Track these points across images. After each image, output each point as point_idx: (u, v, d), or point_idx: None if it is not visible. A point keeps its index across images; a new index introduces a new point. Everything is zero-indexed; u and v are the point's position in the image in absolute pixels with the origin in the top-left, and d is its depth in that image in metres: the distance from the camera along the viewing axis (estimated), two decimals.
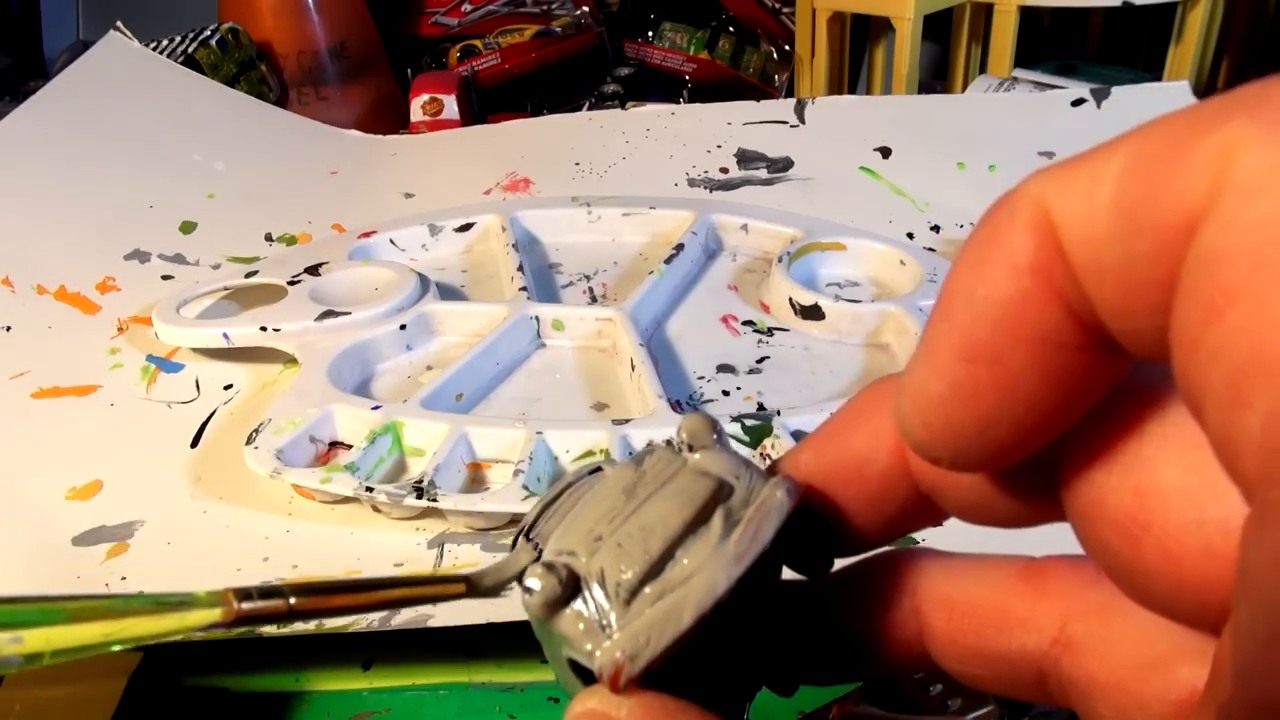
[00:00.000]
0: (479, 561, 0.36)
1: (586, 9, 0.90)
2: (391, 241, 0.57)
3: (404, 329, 0.48)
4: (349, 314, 0.48)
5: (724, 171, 0.63)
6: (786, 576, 0.16)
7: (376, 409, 0.41)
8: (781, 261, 0.52)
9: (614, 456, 0.39)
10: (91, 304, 0.52)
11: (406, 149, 0.70)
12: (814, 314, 0.49)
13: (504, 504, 0.37)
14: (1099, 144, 0.10)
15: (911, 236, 0.56)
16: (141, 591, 0.34)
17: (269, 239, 0.59)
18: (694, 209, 0.58)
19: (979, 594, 0.14)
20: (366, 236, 0.56)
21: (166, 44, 0.73)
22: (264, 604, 0.15)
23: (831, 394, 0.45)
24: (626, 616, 0.13)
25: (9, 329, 0.50)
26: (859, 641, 0.16)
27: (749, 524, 0.14)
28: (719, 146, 0.65)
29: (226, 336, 0.47)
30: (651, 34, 0.90)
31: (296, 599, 0.15)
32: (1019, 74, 0.73)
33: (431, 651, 0.35)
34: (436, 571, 0.36)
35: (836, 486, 0.15)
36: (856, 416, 0.15)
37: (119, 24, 0.72)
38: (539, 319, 0.49)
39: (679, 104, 0.81)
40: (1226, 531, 0.10)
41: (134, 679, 0.32)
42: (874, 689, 0.30)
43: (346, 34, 0.80)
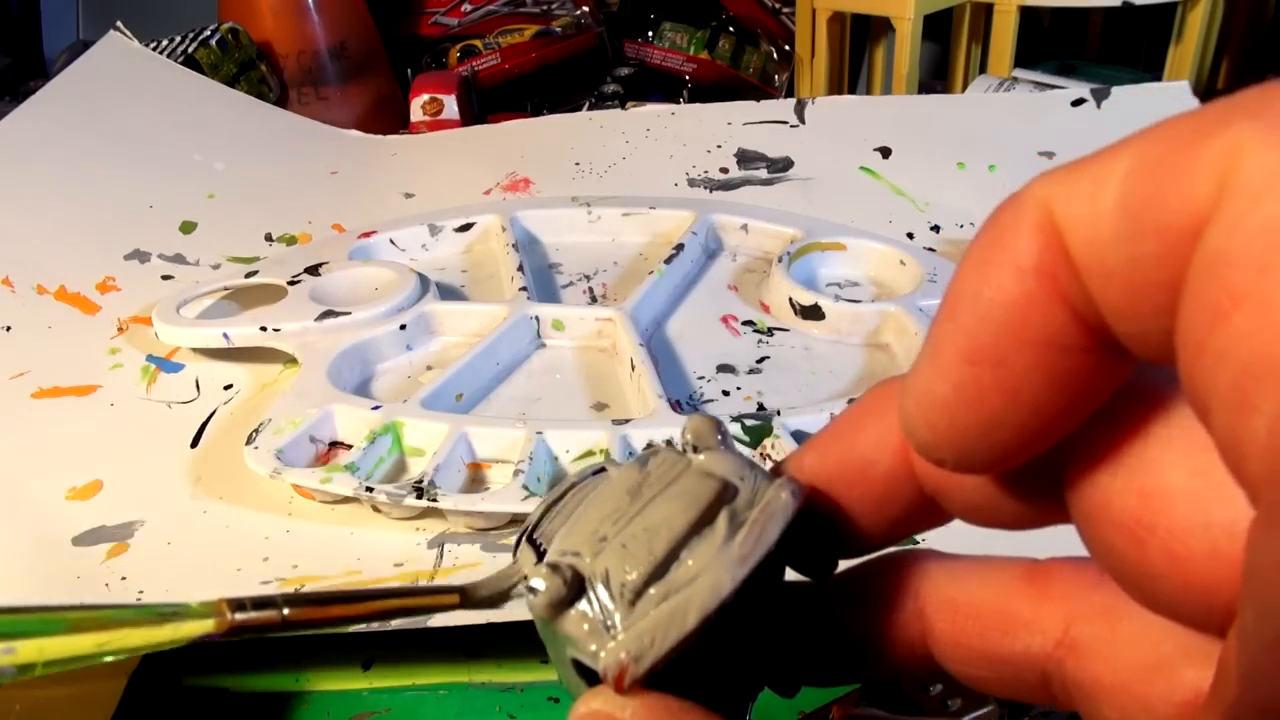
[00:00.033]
0: (479, 562, 0.36)
1: (586, 9, 0.90)
2: (391, 241, 0.57)
3: (404, 329, 0.48)
4: (349, 314, 0.48)
5: (724, 171, 0.63)
6: (790, 577, 0.16)
7: (376, 409, 0.41)
8: (781, 261, 0.52)
9: (614, 456, 0.39)
10: (91, 304, 0.52)
11: (406, 149, 0.70)
12: (814, 314, 0.49)
13: (504, 504, 0.37)
14: (1103, 147, 0.10)
15: (911, 236, 0.56)
16: (140, 600, 0.34)
17: (269, 239, 0.59)
18: (694, 209, 0.58)
19: (983, 596, 0.14)
20: (366, 236, 0.56)
21: (166, 44, 0.73)
22: (257, 615, 0.15)
23: (831, 394, 0.45)
24: (631, 617, 0.13)
25: (9, 329, 0.50)
26: (862, 643, 0.16)
27: (754, 525, 0.14)
28: (719, 146, 0.65)
29: (226, 336, 0.47)
30: (651, 34, 0.90)
31: (290, 610, 0.15)
32: (1019, 74, 0.73)
33: (431, 651, 0.35)
34: (438, 570, 0.36)
35: (841, 488, 0.15)
36: (861, 418, 0.15)
37: (119, 24, 0.72)
38: (539, 319, 0.49)
39: (679, 104, 0.81)
40: (1232, 534, 0.10)
41: (134, 679, 0.32)
42: (874, 689, 0.30)
43: (346, 34, 0.80)
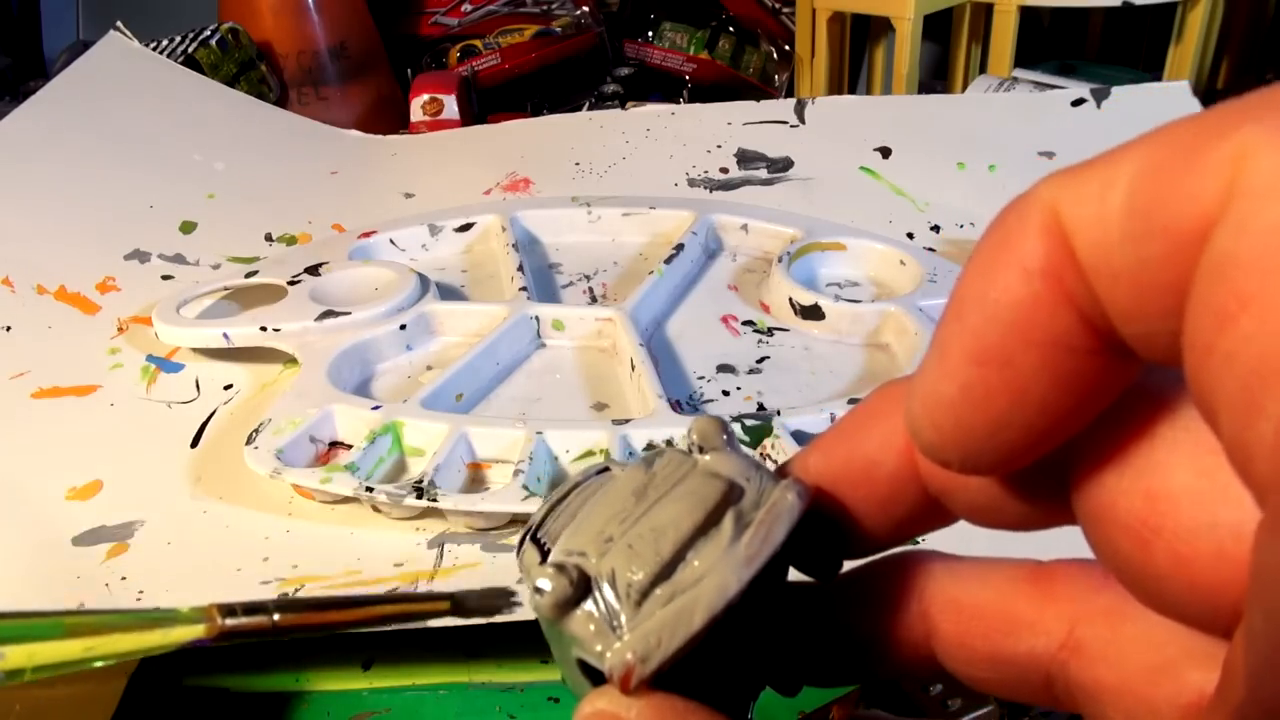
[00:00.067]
0: (479, 562, 0.36)
1: (586, 9, 0.90)
2: (391, 241, 0.57)
3: (404, 329, 0.48)
4: (349, 314, 0.48)
5: (724, 171, 0.63)
6: (795, 578, 0.16)
7: (376, 409, 0.41)
8: (781, 261, 0.52)
9: (614, 456, 0.39)
10: (91, 304, 0.52)
11: (406, 149, 0.70)
12: (814, 314, 0.49)
13: (504, 504, 0.37)
14: (1110, 149, 0.10)
15: (911, 236, 0.56)
16: (140, 601, 0.34)
17: (269, 239, 0.59)
18: (694, 209, 0.58)
19: (987, 597, 0.14)
20: (366, 236, 0.56)
21: (166, 44, 0.73)
22: (248, 620, 0.15)
23: (831, 394, 0.45)
24: (637, 618, 0.13)
25: (9, 329, 0.50)
26: (866, 643, 0.16)
27: (760, 526, 0.14)
28: (719, 146, 0.65)
29: (226, 336, 0.47)
30: (651, 34, 0.90)
31: (281, 615, 0.15)
32: (1019, 74, 0.73)
33: (431, 651, 0.35)
34: (438, 570, 0.36)
35: (845, 489, 0.15)
36: (866, 419, 0.15)
37: (119, 24, 0.72)
38: (539, 319, 0.49)
39: (679, 104, 0.81)
40: (1238, 535, 0.10)
41: (134, 679, 0.32)
42: (874, 689, 0.30)
43: (346, 34, 0.80)
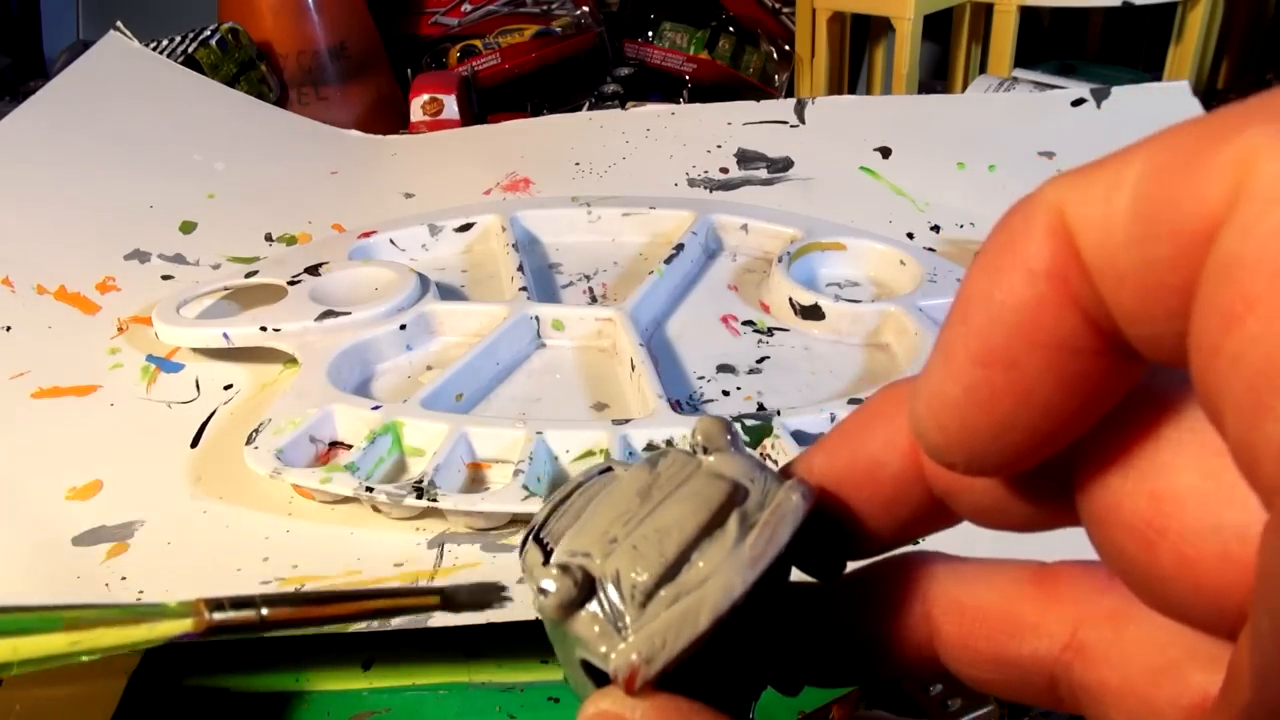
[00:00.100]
0: (479, 562, 0.36)
1: (586, 9, 0.90)
2: (391, 241, 0.57)
3: (404, 329, 0.48)
4: (349, 314, 0.48)
5: (724, 171, 0.63)
6: (799, 578, 0.16)
7: (376, 409, 0.41)
8: (781, 261, 0.52)
9: (614, 456, 0.39)
10: (91, 304, 0.52)
11: (406, 149, 0.70)
12: (814, 314, 0.49)
13: (504, 504, 0.37)
14: (1116, 151, 0.10)
15: (911, 236, 0.56)
16: (140, 601, 0.34)
17: (269, 239, 0.59)
18: (694, 209, 0.58)
19: (990, 599, 0.14)
20: (366, 236, 0.56)
21: (166, 44, 0.73)
22: (236, 614, 0.15)
23: (831, 394, 0.45)
24: (642, 619, 0.13)
25: (9, 329, 0.50)
26: (869, 644, 0.16)
27: (764, 528, 0.14)
28: (719, 146, 0.65)
29: (226, 336, 0.47)
30: (651, 34, 0.90)
31: (269, 610, 0.15)
32: (1019, 74, 0.73)
33: (431, 651, 0.35)
34: (438, 570, 0.36)
35: (850, 490, 0.15)
36: (870, 420, 0.15)
37: (119, 24, 0.72)
38: (539, 319, 0.49)
39: (679, 104, 0.81)
40: (1244, 537, 0.10)
41: (134, 679, 0.32)
42: (874, 689, 0.30)
43: (346, 34, 0.80)
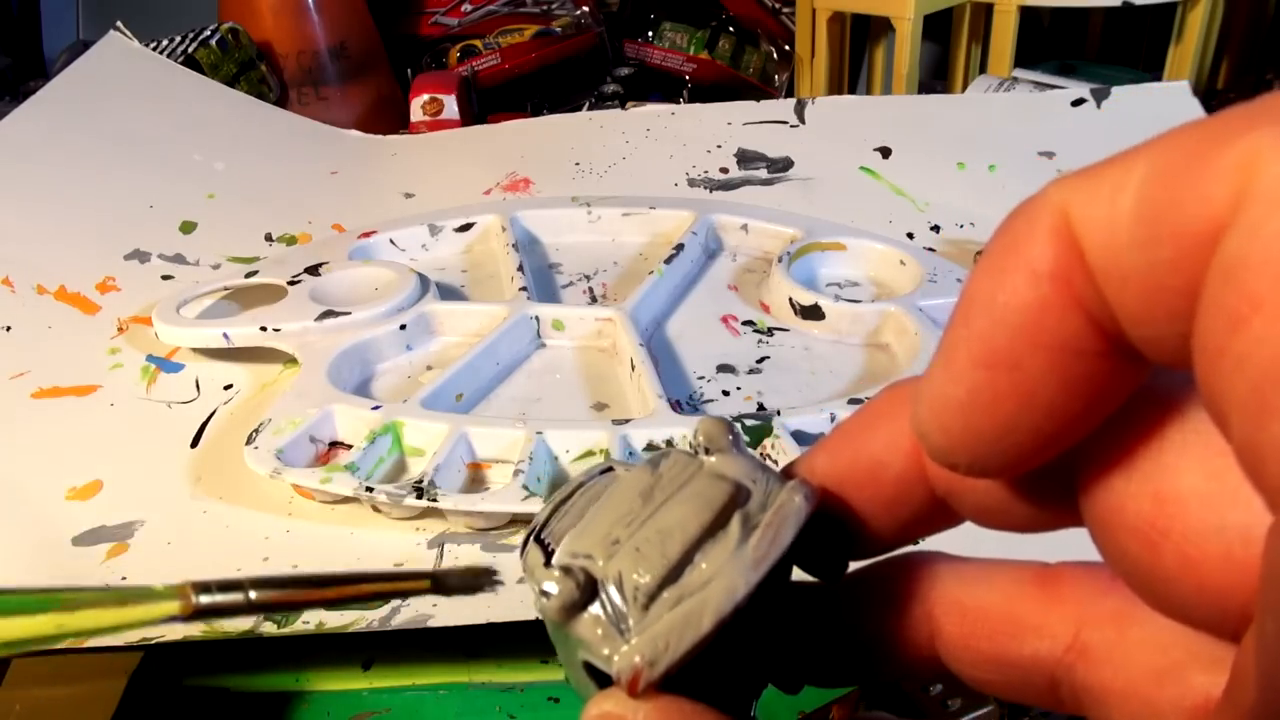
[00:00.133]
0: (479, 562, 0.36)
1: (586, 9, 0.90)
2: (391, 241, 0.57)
3: (404, 329, 0.48)
4: (349, 314, 0.48)
5: (724, 171, 0.63)
6: (801, 578, 0.16)
7: (376, 409, 0.41)
8: (781, 261, 0.52)
9: (614, 456, 0.39)
10: (91, 304, 0.52)
11: (406, 149, 0.70)
12: (814, 314, 0.49)
13: (504, 504, 0.37)
14: (1119, 152, 0.10)
15: (911, 236, 0.56)
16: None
17: (269, 239, 0.59)
18: (694, 209, 0.58)
19: (992, 600, 0.14)
20: (366, 236, 0.56)
21: (166, 44, 0.73)
22: (222, 598, 0.15)
23: (831, 394, 0.45)
24: (644, 621, 0.13)
25: (9, 329, 0.50)
26: (871, 644, 0.16)
27: (767, 529, 0.14)
28: (719, 146, 0.65)
29: (226, 336, 0.47)
30: (651, 34, 0.90)
31: (257, 593, 0.15)
32: (1019, 74, 0.73)
33: (431, 651, 0.35)
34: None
35: (852, 490, 0.15)
36: (872, 420, 0.15)
37: (119, 24, 0.72)
38: (539, 319, 0.49)
39: (679, 104, 0.81)
40: (1247, 538, 0.10)
41: (134, 679, 0.32)
42: (874, 688, 0.30)
43: (346, 34, 0.80)
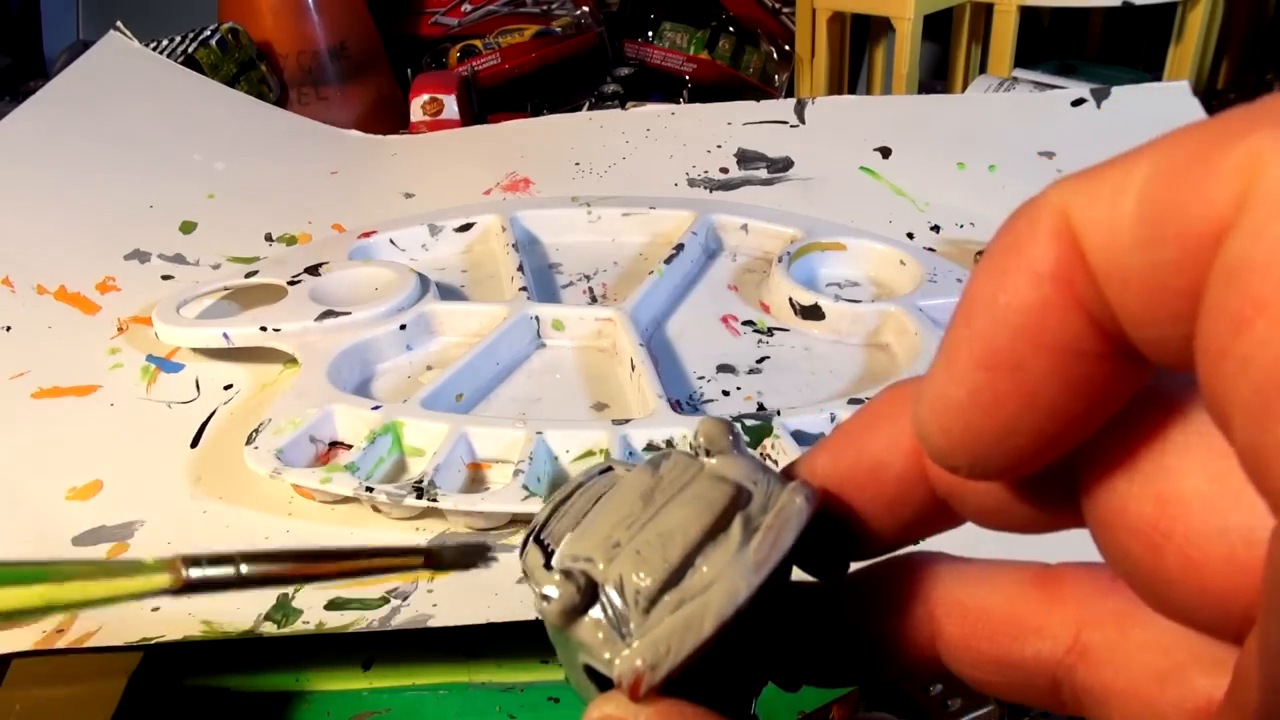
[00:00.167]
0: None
1: (586, 9, 0.90)
2: (391, 241, 0.57)
3: (404, 329, 0.48)
4: (349, 314, 0.48)
5: (724, 171, 0.63)
6: (801, 578, 0.16)
7: (376, 409, 0.41)
8: (781, 261, 0.52)
9: (614, 456, 0.39)
10: (91, 304, 0.52)
11: (406, 149, 0.70)
12: (814, 314, 0.49)
13: (504, 504, 0.37)
14: (1122, 153, 0.10)
15: (911, 236, 0.56)
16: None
17: (269, 239, 0.59)
18: (694, 209, 0.58)
19: (993, 600, 0.14)
20: (366, 236, 0.56)
21: (166, 44, 0.73)
22: (213, 571, 0.15)
23: (831, 394, 0.45)
24: (646, 625, 0.13)
25: (9, 329, 0.50)
26: (871, 645, 0.16)
27: (768, 531, 0.14)
28: (719, 146, 0.65)
29: (226, 336, 0.47)
30: (651, 34, 0.90)
31: (247, 567, 0.15)
32: (1019, 74, 0.73)
33: (431, 651, 0.35)
34: (438, 570, 0.36)
35: (853, 491, 0.15)
36: (873, 420, 0.15)
37: (119, 24, 0.72)
38: (539, 319, 0.49)
39: (679, 104, 0.81)
40: (1250, 540, 0.10)
41: (134, 679, 0.32)
42: (874, 688, 0.30)
43: (346, 34, 0.80)
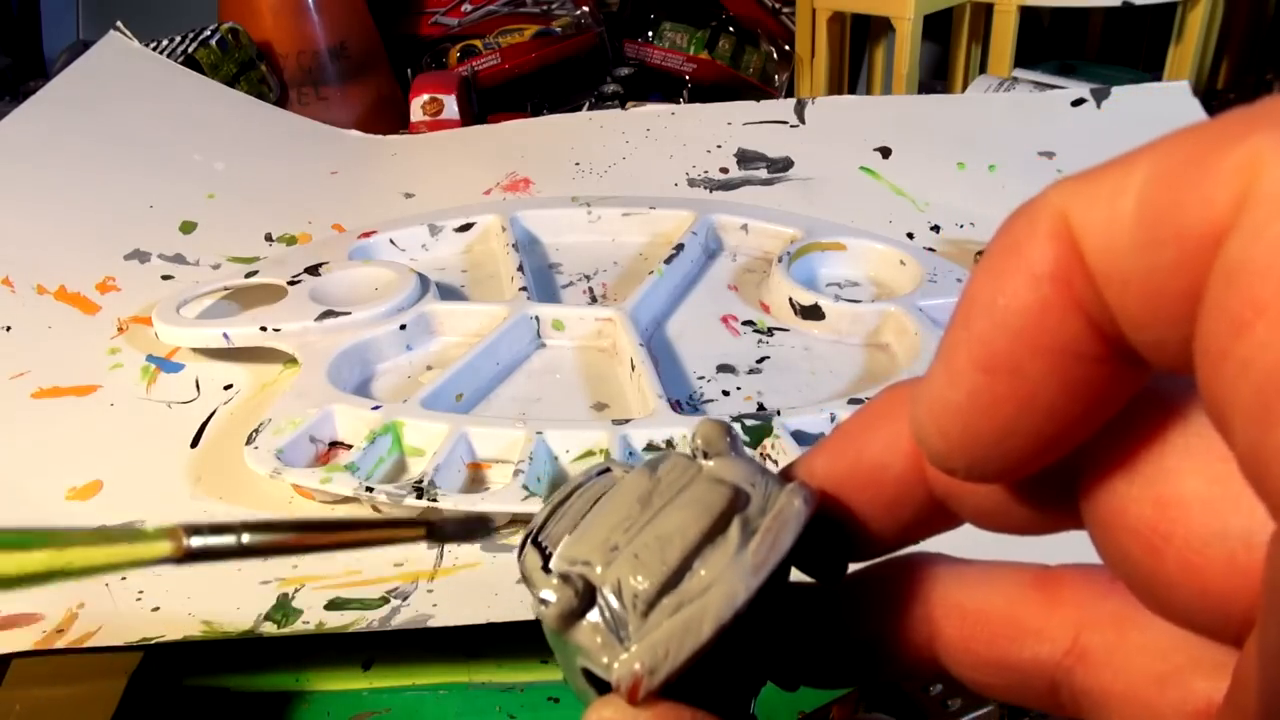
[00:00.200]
0: (479, 562, 0.36)
1: (586, 9, 0.90)
2: (391, 241, 0.57)
3: (404, 329, 0.48)
4: (349, 314, 0.48)
5: (724, 171, 0.63)
6: (801, 579, 0.16)
7: (376, 409, 0.41)
8: (781, 261, 0.52)
9: (614, 456, 0.39)
10: (91, 304, 0.52)
11: (406, 149, 0.70)
12: (814, 314, 0.49)
13: (504, 504, 0.37)
14: (1121, 154, 0.10)
15: (911, 236, 0.56)
16: (140, 600, 0.34)
17: (269, 239, 0.59)
18: (694, 209, 0.58)
19: (992, 602, 0.14)
20: (366, 236, 0.56)
21: (166, 44, 0.73)
22: (214, 540, 0.15)
23: (831, 394, 0.45)
24: (644, 628, 0.13)
25: (9, 329, 0.50)
26: (870, 646, 0.15)
27: (767, 534, 0.14)
28: (719, 146, 0.65)
29: (226, 336, 0.47)
30: (651, 34, 0.90)
31: (249, 536, 0.15)
32: (1019, 74, 0.73)
33: (431, 651, 0.35)
34: (438, 570, 0.36)
35: (851, 492, 0.15)
36: (872, 421, 0.15)
37: (119, 24, 0.72)
38: (539, 319, 0.49)
39: (679, 104, 0.81)
40: (1250, 544, 0.10)
41: (134, 679, 0.32)
42: (874, 688, 0.30)
43: (346, 34, 0.80)
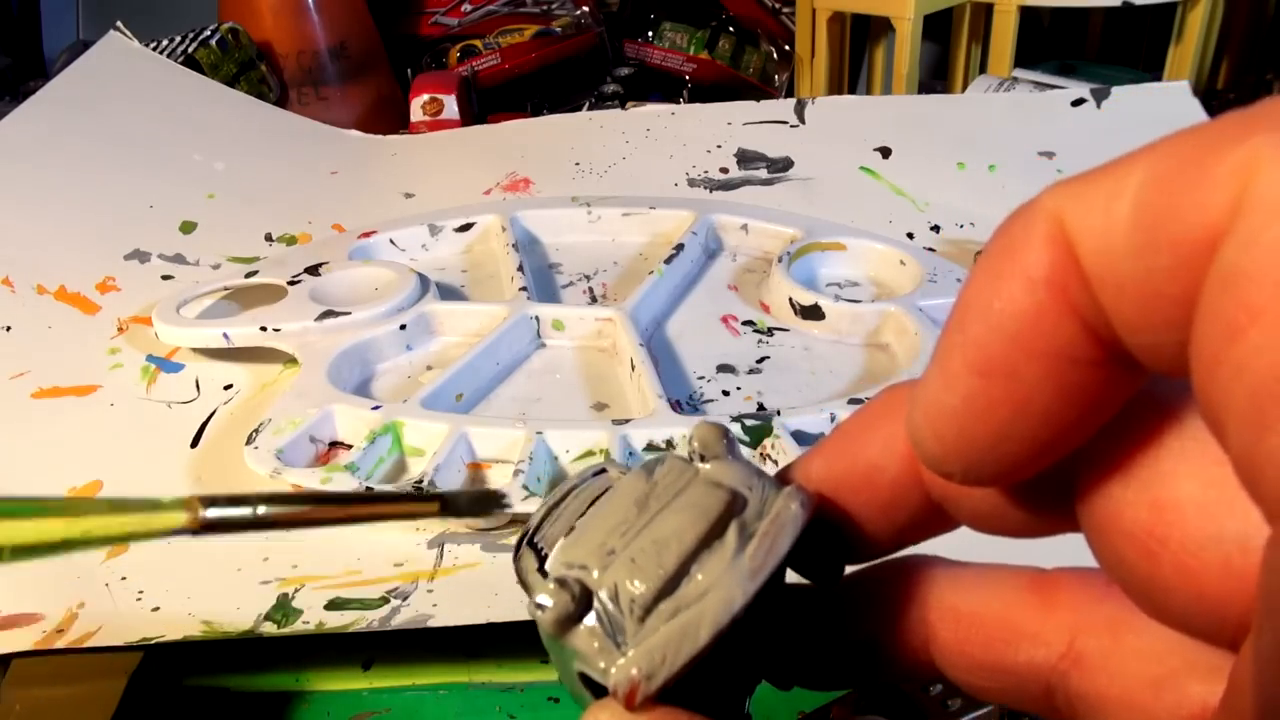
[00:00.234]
0: (479, 561, 0.36)
1: (586, 9, 0.90)
2: (391, 241, 0.57)
3: (404, 329, 0.48)
4: (349, 314, 0.48)
5: (724, 171, 0.63)
6: (797, 581, 0.16)
7: (376, 409, 0.41)
8: (781, 261, 0.52)
9: (614, 456, 0.39)
10: (91, 304, 0.52)
11: (406, 149, 0.70)
12: (814, 314, 0.49)
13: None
14: (1116, 158, 0.10)
15: (911, 236, 0.56)
16: (139, 600, 0.34)
17: (269, 239, 0.59)
18: (694, 209, 0.58)
19: (987, 605, 0.14)
20: (366, 236, 0.56)
21: (166, 44, 0.73)
22: (230, 512, 0.15)
23: (831, 394, 0.45)
24: (641, 633, 0.13)
25: (9, 329, 0.50)
26: (866, 648, 0.15)
27: (764, 538, 0.14)
28: (719, 146, 0.65)
29: (226, 336, 0.47)
30: (651, 34, 0.90)
31: (265, 508, 0.15)
32: (1019, 74, 0.73)
33: (431, 651, 0.35)
34: (438, 570, 0.36)
35: (847, 494, 0.15)
36: (868, 424, 0.15)
37: (119, 24, 0.72)
38: (539, 319, 0.49)
39: (679, 104, 0.81)
40: (1245, 548, 0.10)
41: (134, 679, 0.32)
42: (873, 688, 0.30)
43: (346, 34, 0.80)
